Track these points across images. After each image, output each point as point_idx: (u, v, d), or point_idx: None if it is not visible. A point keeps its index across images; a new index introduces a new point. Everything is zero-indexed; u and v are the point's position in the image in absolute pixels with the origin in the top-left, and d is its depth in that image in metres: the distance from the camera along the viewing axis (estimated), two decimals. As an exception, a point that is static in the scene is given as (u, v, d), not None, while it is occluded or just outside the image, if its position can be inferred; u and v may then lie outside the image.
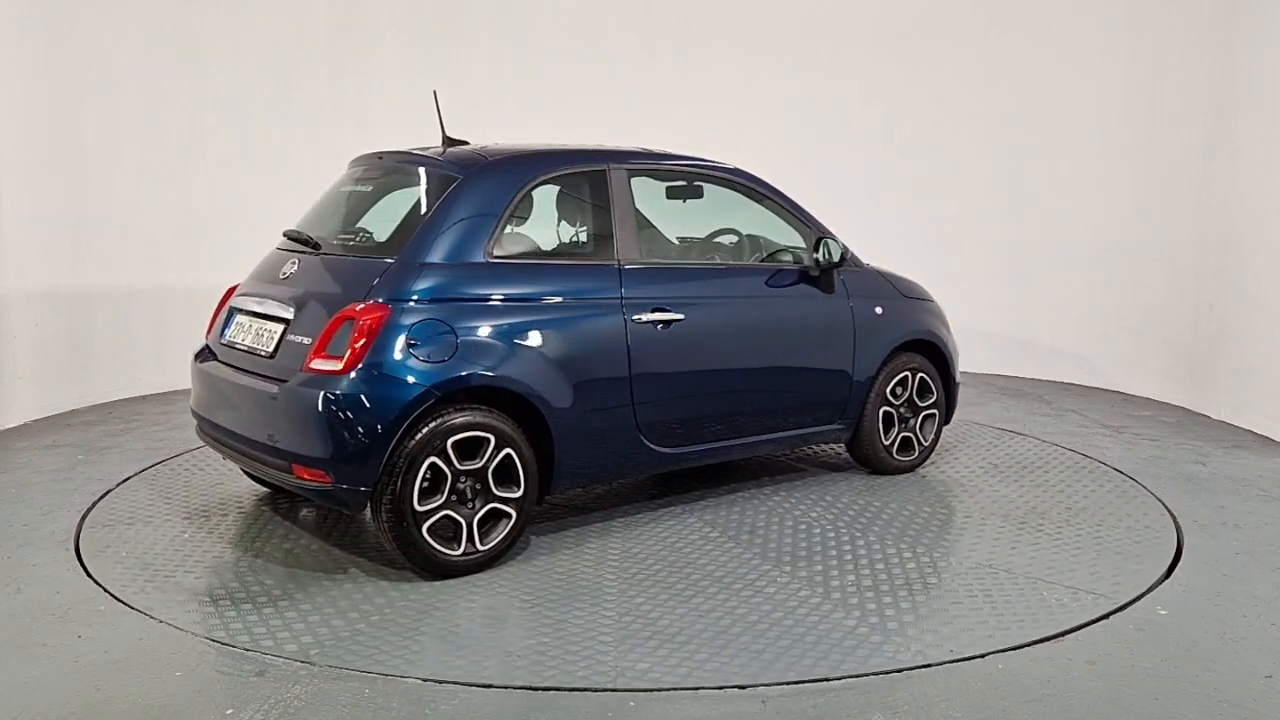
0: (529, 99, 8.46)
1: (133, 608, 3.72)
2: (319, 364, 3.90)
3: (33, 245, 6.82)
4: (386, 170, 4.75)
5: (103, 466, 5.63)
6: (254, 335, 4.33)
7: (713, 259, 5.19)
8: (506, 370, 4.06)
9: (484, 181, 4.32)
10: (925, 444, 5.58)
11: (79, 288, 7.22)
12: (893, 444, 5.44)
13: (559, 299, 4.31)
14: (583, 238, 4.71)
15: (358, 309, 3.92)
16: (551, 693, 3.10)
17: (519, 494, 4.10)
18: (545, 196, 4.61)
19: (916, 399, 5.52)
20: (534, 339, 4.16)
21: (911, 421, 5.52)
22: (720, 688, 3.13)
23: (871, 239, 8.35)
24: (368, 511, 3.99)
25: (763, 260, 5.19)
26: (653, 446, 4.56)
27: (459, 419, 3.94)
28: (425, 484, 3.90)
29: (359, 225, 4.64)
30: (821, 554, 4.30)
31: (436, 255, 4.10)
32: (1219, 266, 6.99)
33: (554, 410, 4.18)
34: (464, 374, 3.96)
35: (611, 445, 4.44)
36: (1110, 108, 7.90)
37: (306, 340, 4.02)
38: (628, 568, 4.15)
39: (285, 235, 4.71)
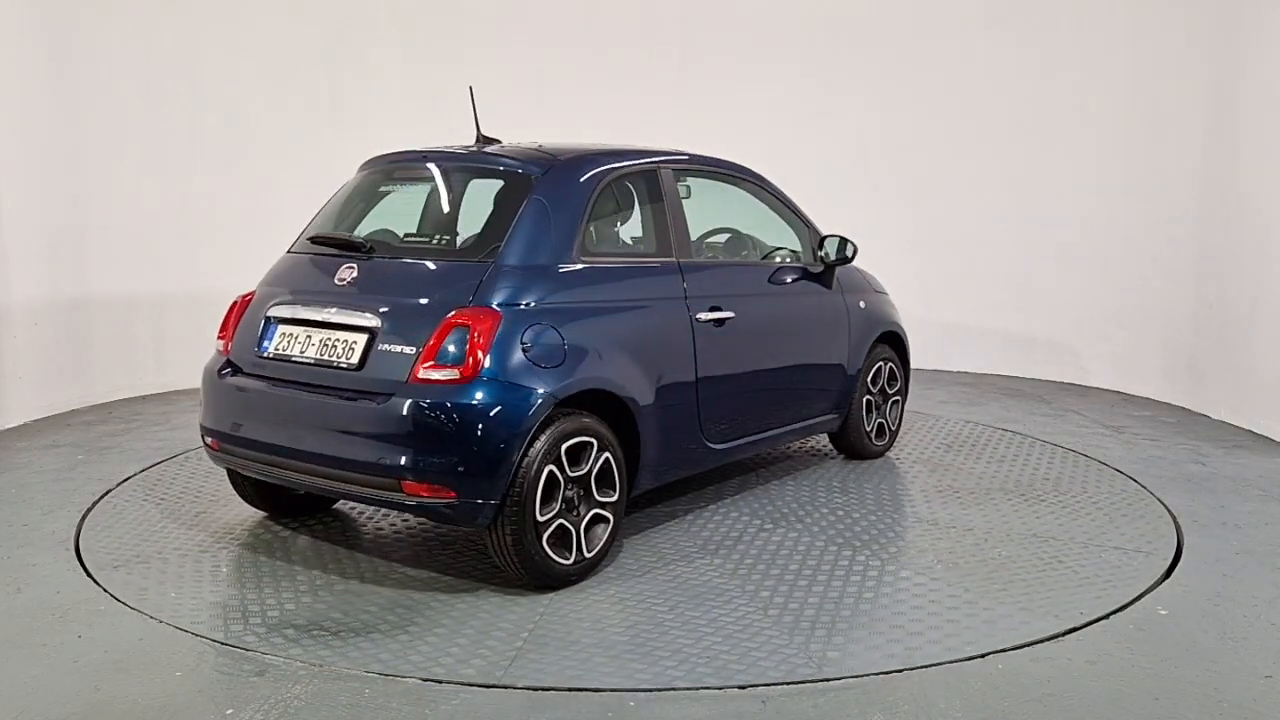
0: (529, 99, 8.45)
1: (133, 608, 3.72)
2: (431, 374, 3.70)
3: (33, 245, 6.82)
4: (434, 169, 4.55)
5: (103, 466, 5.63)
6: (320, 347, 4.02)
7: (735, 256, 5.28)
8: (607, 373, 4.05)
9: (565, 181, 4.22)
10: (893, 428, 5.97)
11: (79, 288, 7.22)
12: (872, 430, 5.77)
13: (639, 299, 4.35)
14: (647, 237, 4.68)
15: (469, 314, 3.75)
16: (551, 693, 3.10)
17: (615, 498, 4.09)
18: (612, 196, 4.58)
19: (887, 387, 5.89)
20: (624, 340, 4.17)
21: (884, 408, 5.87)
22: (720, 688, 3.13)
23: (872, 239, 8.35)
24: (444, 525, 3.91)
25: (762, 258, 5.31)
26: (708, 443, 4.64)
27: (568, 425, 3.86)
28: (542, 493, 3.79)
29: (426, 227, 4.52)
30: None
31: (535, 258, 3.98)
32: (1219, 266, 6.99)
33: (641, 410, 4.19)
34: (579, 378, 3.91)
35: (679, 443, 4.48)
36: (1111, 108, 7.90)
37: (408, 349, 3.77)
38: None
39: (316, 239, 4.40)
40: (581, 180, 4.27)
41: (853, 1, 8.63)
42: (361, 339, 3.91)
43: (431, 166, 4.56)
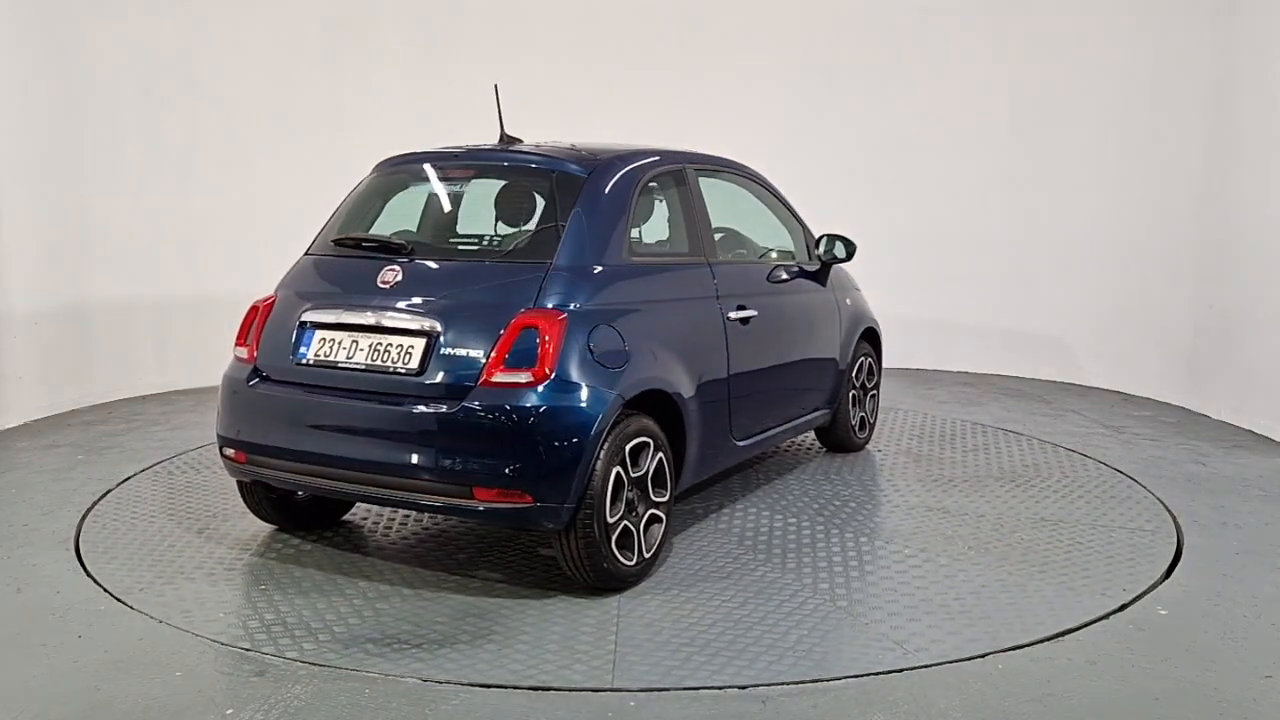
0: (529, 99, 8.44)
1: (133, 608, 3.72)
2: (503, 376, 3.64)
3: (33, 245, 6.82)
4: (472, 169, 4.51)
5: (103, 466, 5.62)
6: (371, 352, 3.88)
7: (738, 254, 5.31)
8: (663, 373, 4.07)
9: (610, 181, 4.18)
10: (872, 421, 6.17)
11: (79, 288, 7.22)
12: (856, 423, 5.93)
13: (681, 298, 4.38)
14: (679, 236, 4.69)
15: (536, 316, 3.71)
16: (551, 693, 3.10)
17: (666, 497, 4.10)
18: (649, 196, 4.60)
19: (866, 381, 6.06)
20: (672, 340, 4.19)
21: (864, 401, 6.05)
22: (720, 688, 3.13)
23: (872, 239, 8.36)
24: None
25: (759, 257, 5.37)
26: (734, 440, 4.67)
27: (632, 425, 3.86)
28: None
29: (472, 227, 4.49)
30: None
31: (589, 258, 3.96)
32: (1219, 266, 6.99)
33: (689, 409, 4.21)
34: (641, 379, 3.93)
35: (714, 441, 4.51)
36: (1111, 108, 7.90)
37: (475, 353, 3.70)
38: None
39: (348, 241, 4.28)
40: (625, 180, 4.26)
41: (858, 2, 8.63)
42: (419, 343, 3.80)
43: (468, 166, 4.50)
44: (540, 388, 3.62)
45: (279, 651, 3.37)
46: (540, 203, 4.25)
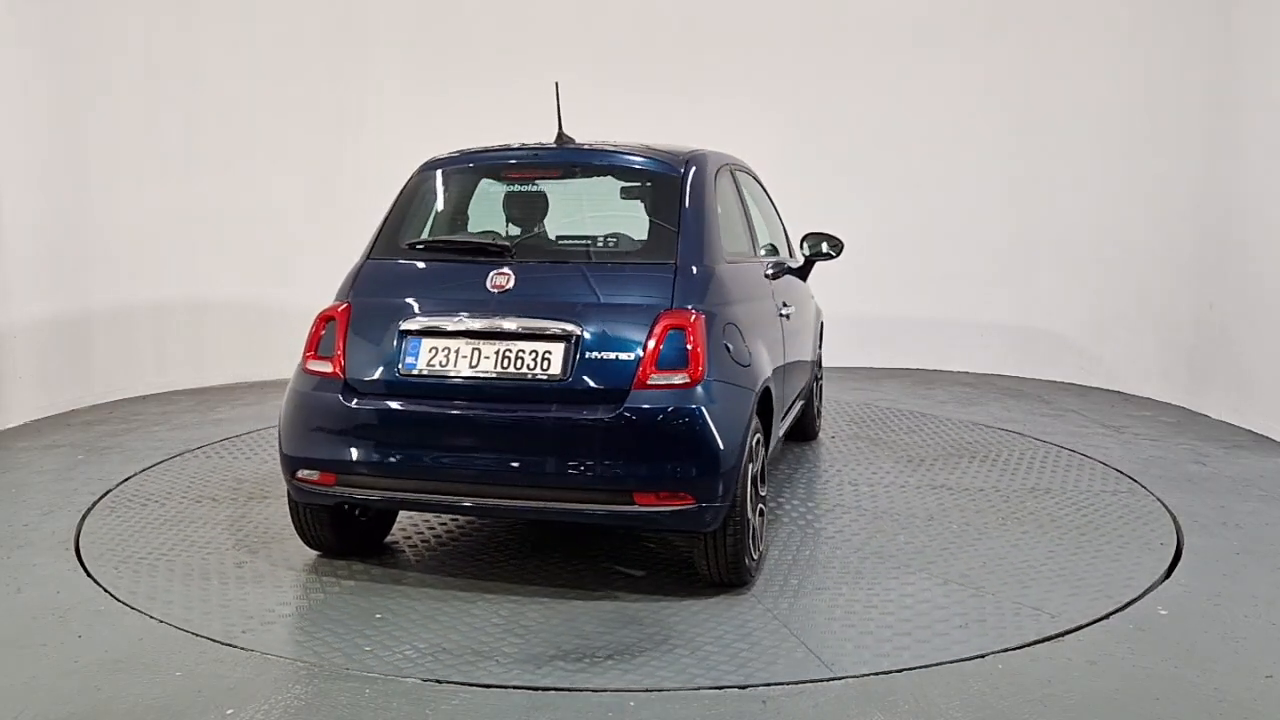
0: (529, 99, 8.44)
1: (133, 608, 3.72)
2: (658, 379, 3.60)
3: (33, 245, 6.82)
4: (554, 168, 4.43)
5: (103, 466, 5.63)
6: (499, 359, 3.70)
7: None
8: (768, 369, 4.19)
9: (702, 180, 4.21)
10: (820, 410, 6.47)
11: (79, 288, 7.22)
12: (815, 412, 6.23)
13: (758, 296, 4.48)
14: (740, 234, 4.69)
15: (679, 317, 3.68)
16: (551, 693, 3.10)
17: (765, 490, 4.17)
18: (725, 194, 4.61)
19: (818, 372, 6.30)
20: (761, 336, 4.28)
21: (818, 391, 6.34)
22: (720, 688, 3.13)
23: (872, 238, 8.38)
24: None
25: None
26: (777, 434, 4.75)
27: (755, 422, 3.93)
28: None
29: (567, 228, 4.50)
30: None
31: (703, 259, 3.95)
32: (1219, 266, 6.99)
33: (776, 404, 4.32)
34: (764, 375, 4.03)
35: (775, 434, 4.62)
36: (1111, 108, 7.90)
37: (625, 356, 3.62)
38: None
39: (436, 245, 4.15)
40: (711, 180, 4.31)
41: (861, 4, 8.63)
42: (558, 348, 3.67)
43: (553, 165, 4.42)
44: (697, 389, 3.61)
45: (279, 651, 3.37)
46: (642, 202, 4.27)
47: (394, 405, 3.77)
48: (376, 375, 3.82)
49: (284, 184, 8.19)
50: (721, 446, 3.60)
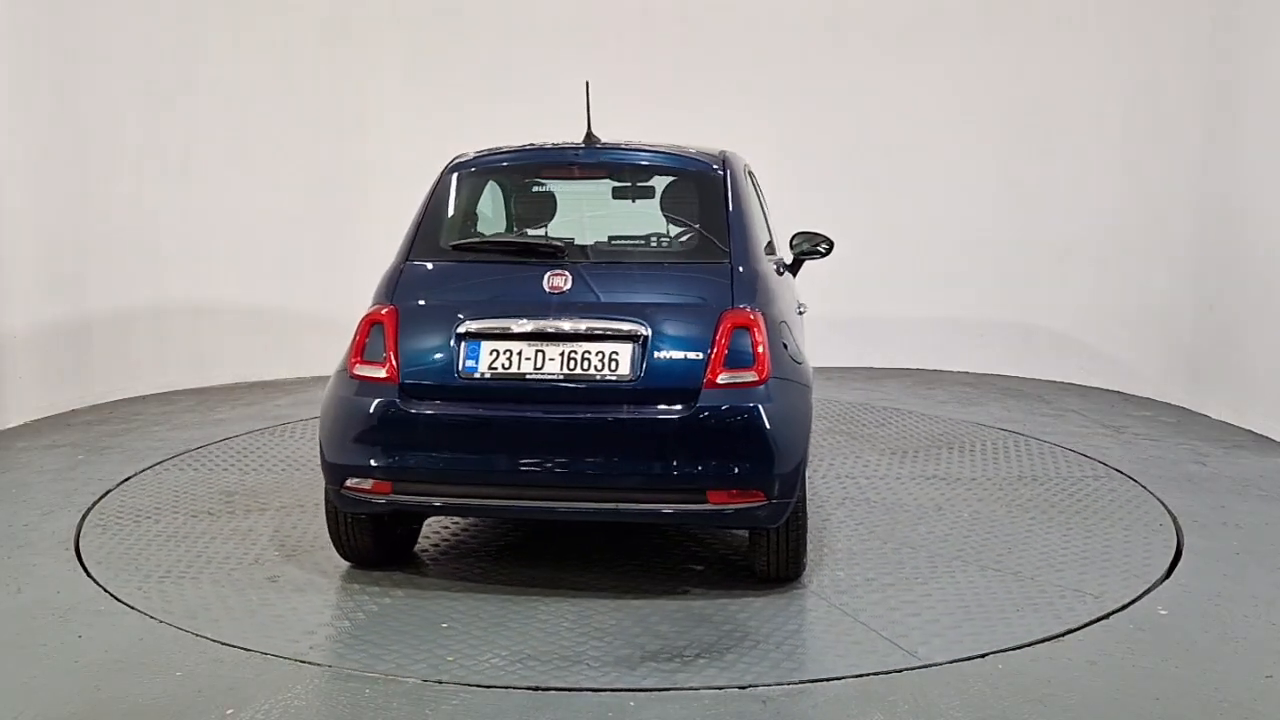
0: (529, 98, 8.45)
1: (133, 608, 3.72)
2: (728, 378, 3.62)
3: (33, 245, 6.82)
4: (599, 168, 4.45)
5: (103, 466, 5.63)
6: (565, 361, 3.66)
7: None
8: (811, 367, 4.23)
9: (740, 179, 4.25)
10: None
11: (79, 287, 7.22)
12: None
13: (787, 291, 4.49)
14: (765, 233, 4.75)
15: (743, 316, 3.72)
16: (551, 693, 3.10)
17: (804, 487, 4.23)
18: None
19: None
20: (799, 333, 4.32)
21: None
22: (720, 688, 3.13)
23: (872, 238, 8.39)
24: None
25: None
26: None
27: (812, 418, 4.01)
28: None
29: (614, 227, 4.50)
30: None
31: (753, 257, 4.01)
32: (1219, 266, 6.99)
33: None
34: (813, 372, 4.09)
35: None
36: (1111, 107, 7.90)
37: (693, 355, 3.64)
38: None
39: (484, 247, 4.15)
40: (745, 178, 4.35)
41: (858, 2, 8.63)
42: (625, 348, 3.66)
43: (598, 165, 4.42)
44: (765, 387, 3.65)
45: (279, 651, 3.37)
46: (686, 202, 4.29)
47: (458, 410, 3.70)
48: (435, 380, 3.73)
49: (284, 184, 8.19)
50: (791, 443, 3.67)
